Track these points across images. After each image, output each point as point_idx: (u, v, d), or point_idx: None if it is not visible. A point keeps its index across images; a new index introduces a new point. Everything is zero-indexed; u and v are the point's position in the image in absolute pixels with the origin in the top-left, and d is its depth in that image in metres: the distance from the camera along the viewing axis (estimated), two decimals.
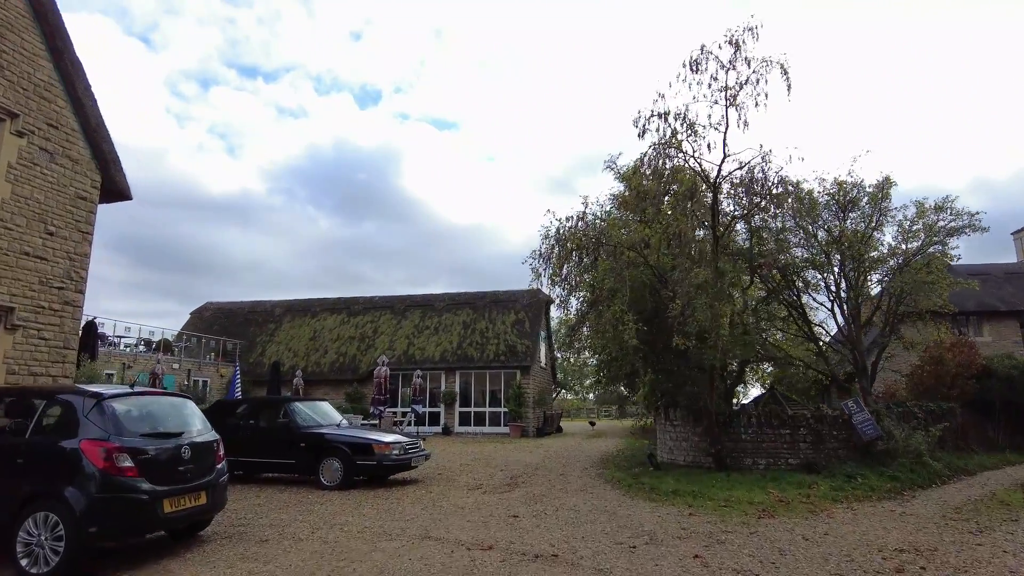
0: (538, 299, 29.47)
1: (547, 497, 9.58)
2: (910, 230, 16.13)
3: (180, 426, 6.45)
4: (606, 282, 9.95)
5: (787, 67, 9.54)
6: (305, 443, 10.66)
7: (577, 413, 60.65)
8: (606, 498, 9.50)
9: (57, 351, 10.19)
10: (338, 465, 10.36)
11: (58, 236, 10.23)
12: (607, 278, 10.02)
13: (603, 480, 11.48)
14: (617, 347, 10.01)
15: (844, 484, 10.12)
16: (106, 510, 5.33)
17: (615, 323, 9.79)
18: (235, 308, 34.49)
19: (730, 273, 10.57)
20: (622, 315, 9.63)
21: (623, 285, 9.87)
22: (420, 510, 8.53)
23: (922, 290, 14.87)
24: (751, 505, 8.73)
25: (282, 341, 30.95)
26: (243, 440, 11.08)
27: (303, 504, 9.01)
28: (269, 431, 11.13)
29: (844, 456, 11.65)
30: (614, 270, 10.15)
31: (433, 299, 31.09)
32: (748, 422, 12.03)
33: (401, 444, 10.61)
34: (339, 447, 10.42)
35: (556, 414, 30.74)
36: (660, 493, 9.75)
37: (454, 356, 27.24)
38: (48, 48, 10.26)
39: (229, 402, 13.05)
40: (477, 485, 10.89)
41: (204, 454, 6.45)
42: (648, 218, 11.27)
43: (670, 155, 10.09)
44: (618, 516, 8.05)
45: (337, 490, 10.16)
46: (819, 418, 11.92)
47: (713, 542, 6.58)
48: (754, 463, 11.88)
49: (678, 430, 12.99)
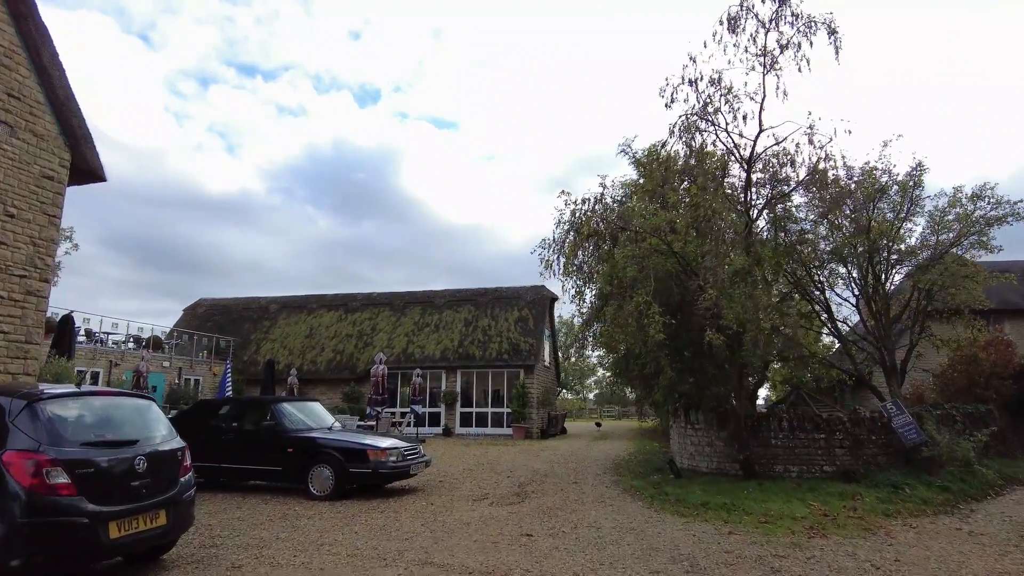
0: (542, 295, 28.48)
1: (562, 510, 8.57)
2: (942, 221, 15.15)
3: (137, 433, 5.43)
4: (628, 270, 8.94)
5: (835, 27, 8.53)
6: (293, 448, 9.66)
7: (579, 414, 59.60)
8: (629, 512, 8.48)
9: (18, 346, 9.15)
10: (329, 473, 9.34)
11: (20, 219, 9.19)
12: (628, 266, 9.02)
13: (621, 489, 10.47)
14: (641, 342, 9.02)
15: (891, 495, 9.11)
16: (33, 538, 4.32)
17: (638, 315, 8.78)
18: (230, 304, 33.47)
19: (769, 259, 9.52)
20: (647, 306, 8.61)
21: (647, 274, 8.86)
22: (420, 526, 7.52)
23: (958, 284, 13.89)
24: (795, 521, 7.72)
25: (277, 339, 29.93)
26: (226, 445, 10.08)
27: (288, 519, 7.99)
28: (254, 435, 10.11)
29: (884, 463, 10.65)
30: (636, 257, 9.13)
31: (433, 295, 30.06)
32: (779, 426, 11.02)
33: (399, 450, 9.60)
34: (330, 453, 9.41)
35: (560, 415, 29.72)
36: (688, 505, 8.74)
37: (455, 354, 26.22)
38: (9, 12, 9.23)
39: (211, 403, 12.02)
40: (482, 495, 9.89)
41: (165, 466, 5.43)
42: (668, 203, 10.27)
43: (700, 128, 9.09)
44: (646, 535, 7.04)
45: (328, 501, 9.15)
46: (856, 421, 10.91)
47: (768, 570, 5.56)
48: (785, 470, 10.88)
49: (700, 434, 11.98)
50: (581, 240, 9.80)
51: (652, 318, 8.48)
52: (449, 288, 30.79)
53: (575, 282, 10.31)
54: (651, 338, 8.50)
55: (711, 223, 8.91)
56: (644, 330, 8.66)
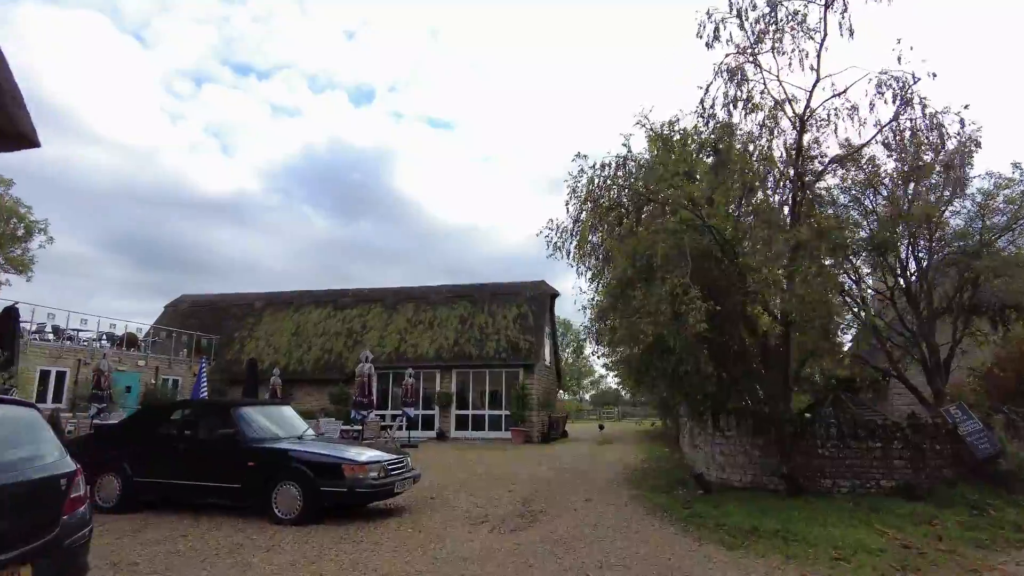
0: (542, 291, 26.94)
1: (579, 540, 7.00)
2: (987, 205, 13.64)
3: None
4: (659, 247, 7.35)
5: None
6: (254, 461, 8.05)
7: (577, 416, 58.00)
8: (661, 541, 6.91)
9: None
10: (296, 492, 7.74)
11: None
12: (660, 241, 7.43)
13: (643, 509, 8.89)
14: (674, 334, 7.44)
15: (975, 520, 7.55)
16: None
17: (672, 301, 7.21)
18: (214, 301, 31.79)
19: (834, 234, 7.90)
20: (683, 290, 7.03)
21: (683, 251, 7.29)
22: (404, 564, 5.95)
23: (1011, 273, 12.37)
24: (874, 556, 6.15)
25: (262, 336, 28.27)
26: (176, 457, 8.48)
27: (239, 553, 6.40)
28: (209, 445, 8.51)
29: (951, 477, 9.11)
30: (668, 232, 7.56)
31: (428, 291, 28.44)
32: (827, 433, 9.47)
33: (380, 464, 8.00)
34: (298, 468, 7.81)
35: (562, 417, 28.15)
36: (732, 532, 7.16)
37: (450, 353, 24.62)
38: None
39: (159, 406, 10.41)
40: (481, 516, 8.30)
41: (34, 502, 3.85)
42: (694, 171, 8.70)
43: (747, 76, 7.53)
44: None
45: (294, 526, 7.55)
46: (917, 428, 9.38)
47: None
48: (835, 485, 9.33)
49: (731, 442, 10.40)
50: (600, 213, 8.21)
51: (692, 303, 6.92)
52: (444, 284, 29.14)
53: (595, 261, 8.73)
54: (691, 328, 6.92)
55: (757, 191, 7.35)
56: (681, 318, 7.09)
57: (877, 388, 18.18)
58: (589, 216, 8.32)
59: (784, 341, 8.04)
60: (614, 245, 8.20)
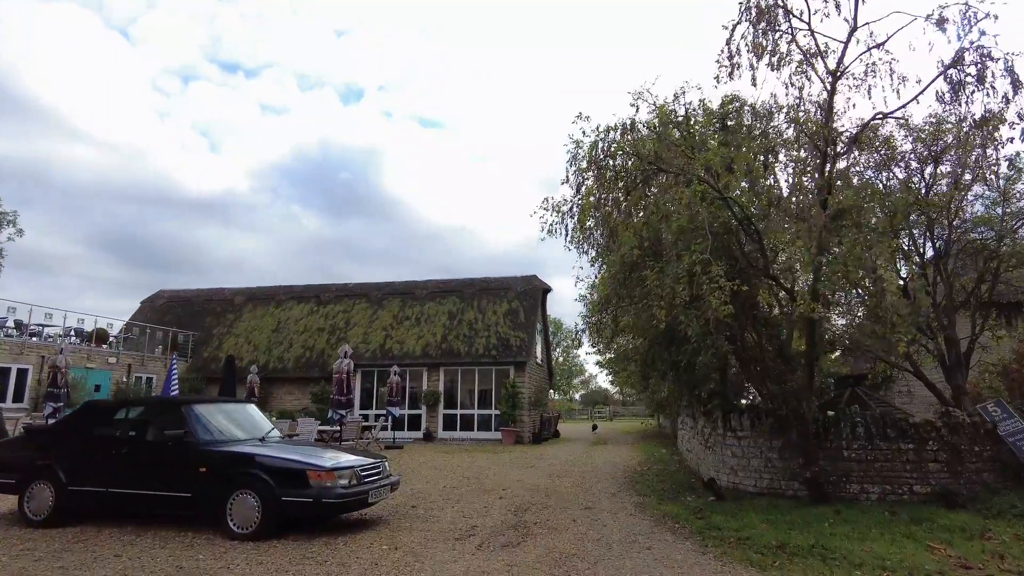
0: (533, 286, 25.95)
1: (580, 557, 6.00)
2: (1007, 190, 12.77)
3: None
4: (675, 220, 6.35)
5: None
6: (207, 467, 6.97)
7: (567, 415, 57.04)
8: (678, 561, 5.91)
9: None
10: (254, 502, 6.68)
11: None
12: (675, 215, 6.43)
13: (651, 520, 7.90)
14: (692, 319, 6.46)
15: None
16: None
17: (690, 281, 6.22)
18: (192, 296, 30.50)
19: (879, 199, 6.94)
20: (704, 268, 6.03)
21: (701, 223, 6.31)
22: None
23: None
24: None
25: (241, 333, 27.05)
26: (118, 462, 7.38)
27: None
28: (156, 448, 7.42)
29: (991, 482, 8.21)
30: (682, 203, 6.54)
31: (414, 287, 27.33)
32: (852, 433, 8.54)
33: (352, 470, 6.95)
34: (256, 475, 6.75)
35: (554, 417, 27.18)
36: (759, 549, 6.18)
37: (438, 350, 23.56)
38: None
39: (102, 404, 9.26)
40: (468, 529, 7.28)
41: None
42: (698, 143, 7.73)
43: (777, 22, 6.56)
44: None
45: (251, 541, 6.49)
46: (953, 428, 8.46)
47: None
48: (863, 491, 8.39)
49: (744, 443, 9.44)
50: (604, 183, 7.19)
51: (716, 282, 5.93)
52: (432, 279, 28.07)
53: (597, 237, 7.73)
54: (715, 311, 5.91)
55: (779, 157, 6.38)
56: (700, 301, 6.10)
57: (878, 385, 17.33)
58: (592, 186, 7.29)
59: (811, 329, 7.09)
60: (619, 222, 7.19)
